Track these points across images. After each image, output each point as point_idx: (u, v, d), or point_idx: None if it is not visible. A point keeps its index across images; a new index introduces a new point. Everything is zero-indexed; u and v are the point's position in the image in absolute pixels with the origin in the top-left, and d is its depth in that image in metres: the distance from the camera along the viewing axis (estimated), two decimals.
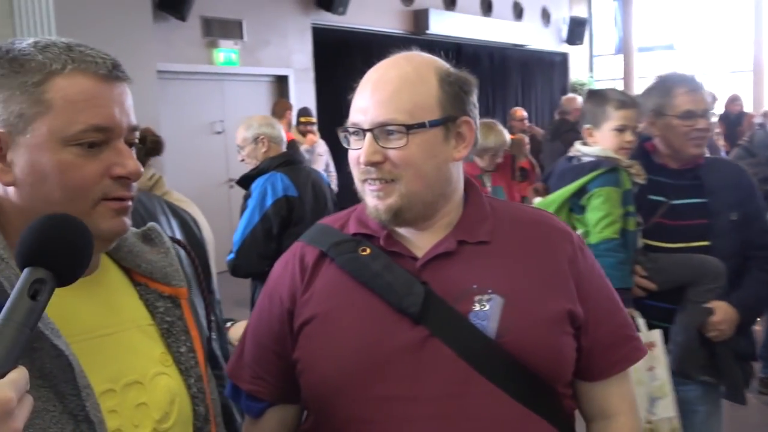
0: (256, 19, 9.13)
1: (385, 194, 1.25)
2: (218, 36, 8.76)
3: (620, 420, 1.36)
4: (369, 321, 1.25)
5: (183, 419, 1.08)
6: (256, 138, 3.73)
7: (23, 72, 0.97)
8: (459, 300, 1.24)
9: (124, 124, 1.02)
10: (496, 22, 13.10)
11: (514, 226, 1.35)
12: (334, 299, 1.28)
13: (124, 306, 1.10)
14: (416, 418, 1.20)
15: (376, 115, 1.25)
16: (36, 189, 0.98)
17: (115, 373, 1.02)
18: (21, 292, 0.80)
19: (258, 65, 9.25)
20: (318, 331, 1.27)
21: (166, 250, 1.16)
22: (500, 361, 1.23)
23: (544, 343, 1.25)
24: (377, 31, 11.05)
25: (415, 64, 1.30)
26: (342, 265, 1.29)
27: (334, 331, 1.26)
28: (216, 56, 8.68)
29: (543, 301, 1.28)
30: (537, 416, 1.24)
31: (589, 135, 2.61)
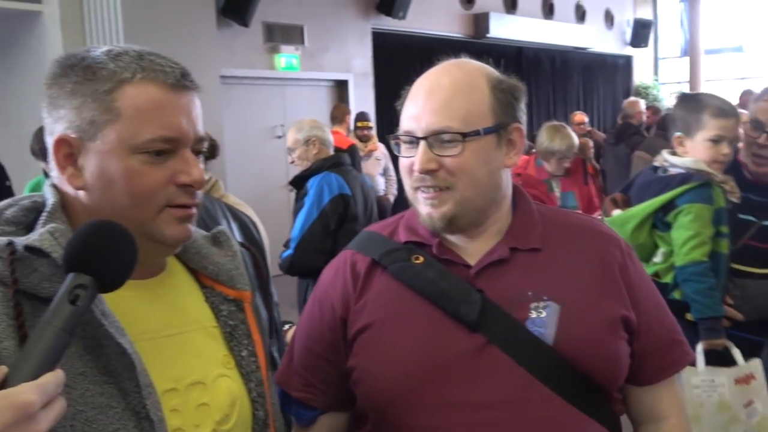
0: (317, 25, 9.23)
1: (439, 202, 1.26)
2: (280, 41, 8.88)
3: (671, 422, 1.37)
4: (426, 329, 1.25)
5: (243, 422, 1.10)
6: (308, 140, 3.83)
7: (95, 80, 1.00)
8: (515, 307, 1.25)
9: (191, 133, 1.03)
10: (558, 25, 12.95)
11: (563, 233, 1.36)
12: (389, 307, 1.28)
13: (189, 307, 1.12)
14: (477, 424, 1.21)
15: (430, 122, 1.25)
16: (104, 194, 1.01)
17: (179, 373, 1.04)
18: (62, 296, 0.83)
19: (318, 70, 9.34)
20: (374, 339, 1.28)
21: (233, 254, 1.18)
22: (558, 368, 1.24)
23: (600, 348, 1.27)
24: (437, 35, 11.05)
25: (467, 71, 1.31)
26: (395, 274, 1.29)
27: (391, 339, 1.27)
28: (277, 61, 8.80)
29: (598, 307, 1.29)
30: (593, 420, 1.25)
31: (680, 144, 2.39)
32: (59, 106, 1.02)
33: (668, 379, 1.38)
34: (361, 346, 1.29)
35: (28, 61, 6.18)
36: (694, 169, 2.32)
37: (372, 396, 1.28)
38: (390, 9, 9.86)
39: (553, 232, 1.35)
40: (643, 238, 2.42)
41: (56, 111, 1.02)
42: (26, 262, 0.93)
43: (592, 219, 1.59)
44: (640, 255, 2.39)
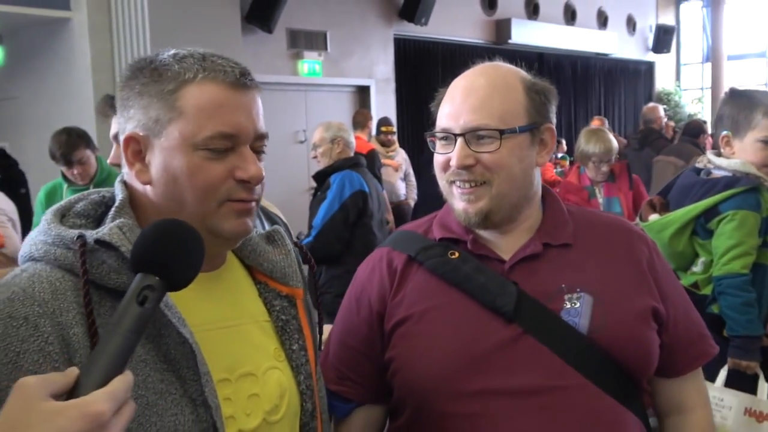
0: (340, 31, 9.27)
1: (475, 197, 1.31)
2: (303, 48, 8.93)
3: (698, 413, 1.42)
4: (464, 320, 1.30)
5: (291, 413, 1.14)
6: (334, 139, 4.17)
7: (161, 81, 1.05)
8: (549, 299, 1.30)
9: (250, 130, 1.07)
10: (580, 31, 12.89)
11: (592, 229, 1.41)
12: (427, 301, 1.33)
13: (244, 302, 1.16)
14: (515, 411, 1.25)
15: (468, 120, 1.30)
16: (168, 188, 1.05)
17: (232, 364, 1.08)
18: (130, 298, 0.83)
19: (341, 76, 9.37)
20: (414, 331, 1.32)
21: (287, 252, 1.22)
22: (592, 356, 1.28)
23: (633, 337, 1.31)
24: (459, 41, 11.05)
25: (502, 72, 1.36)
26: (432, 269, 1.34)
27: (430, 331, 1.31)
28: (300, 67, 8.85)
29: (629, 298, 1.33)
30: (625, 408, 1.29)
31: (726, 144, 2.19)
32: (129, 107, 1.07)
33: (694, 372, 1.42)
34: (399, 337, 1.33)
35: (58, 67, 6.28)
36: (741, 172, 2.13)
37: (411, 385, 1.31)
38: (412, 15, 9.87)
39: (582, 229, 1.39)
40: (682, 246, 2.23)
41: (127, 111, 1.08)
42: (96, 254, 0.97)
43: (619, 217, 1.62)
44: (678, 264, 2.26)
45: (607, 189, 3.95)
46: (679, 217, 2.20)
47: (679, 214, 2.21)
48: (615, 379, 1.29)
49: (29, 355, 0.90)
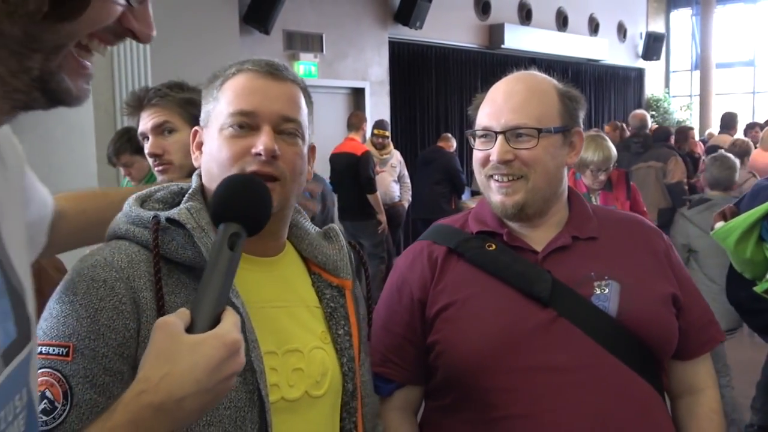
0: (335, 33, 9.27)
1: (512, 191, 1.42)
2: (299, 49, 8.93)
3: (708, 393, 1.52)
4: (503, 305, 1.40)
5: (334, 391, 1.22)
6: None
7: (214, 80, 1.22)
8: (580, 286, 1.40)
9: (273, 112, 1.16)
10: (571, 37, 12.94)
11: (614, 225, 1.53)
12: (468, 288, 1.43)
13: (298, 287, 1.26)
14: (553, 385, 1.35)
15: (509, 119, 1.41)
16: (207, 168, 1.19)
17: (280, 340, 1.17)
18: (221, 244, 0.95)
19: (336, 78, 9.37)
20: (458, 316, 1.42)
21: (340, 247, 1.32)
22: (621, 337, 1.38)
23: (657, 319, 1.42)
24: (453, 45, 11.07)
25: (539, 80, 1.48)
26: (472, 259, 1.45)
27: (472, 315, 1.41)
28: (296, 69, 8.84)
29: (652, 285, 1.45)
30: (650, 385, 1.40)
31: None
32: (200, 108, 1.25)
33: (704, 355, 1.53)
34: (443, 322, 1.43)
35: None
36: None
37: (457, 364, 1.41)
38: (407, 19, 9.89)
39: (604, 224, 1.51)
40: (750, 253, 2.08)
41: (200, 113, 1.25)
42: (167, 232, 1.10)
43: (635, 214, 1.73)
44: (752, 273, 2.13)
45: (604, 197, 3.82)
46: (741, 221, 2.07)
47: (741, 218, 2.08)
48: (641, 358, 1.39)
49: (105, 312, 1.02)
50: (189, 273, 1.10)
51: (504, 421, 1.36)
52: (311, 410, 1.17)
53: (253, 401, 1.07)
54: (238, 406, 1.06)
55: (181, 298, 1.08)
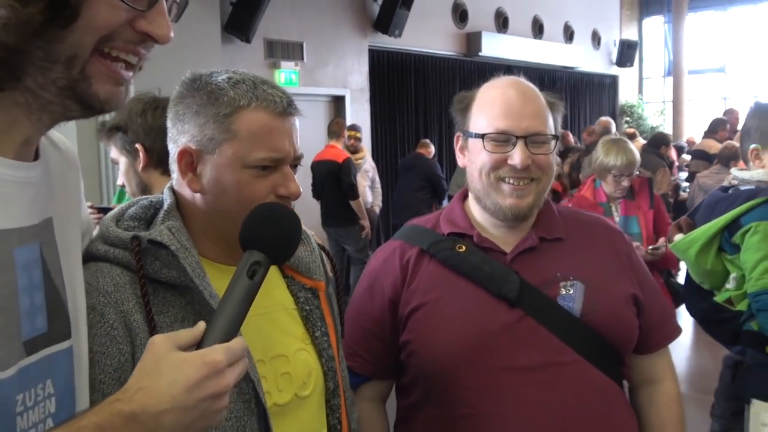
0: (316, 42, 9.26)
1: (525, 193, 1.43)
2: (280, 57, 8.91)
3: (667, 384, 1.57)
4: (473, 306, 1.42)
5: (318, 390, 1.24)
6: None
7: (217, 104, 1.13)
8: (546, 286, 1.43)
9: (292, 153, 1.17)
10: (547, 45, 13.03)
11: (579, 226, 1.55)
12: (439, 289, 1.45)
13: (274, 292, 1.25)
14: (519, 384, 1.37)
15: (530, 125, 1.42)
16: (217, 198, 1.15)
17: (266, 347, 1.18)
18: (241, 272, 0.93)
19: (316, 85, 9.36)
20: (429, 316, 1.43)
21: (311, 250, 1.33)
22: (585, 336, 1.42)
23: (619, 319, 1.46)
24: (431, 53, 11.10)
25: (533, 87, 1.50)
26: (443, 260, 1.46)
27: (444, 315, 1.43)
28: (277, 76, 8.81)
29: (615, 285, 1.48)
30: (611, 380, 1.44)
31: (756, 158, 2.07)
32: (184, 122, 1.16)
33: (664, 348, 1.58)
34: (416, 322, 1.45)
35: None
36: (765, 182, 2.03)
37: (428, 364, 1.43)
38: (386, 27, 9.90)
39: (570, 225, 1.54)
40: (710, 264, 2.11)
41: (181, 125, 1.17)
42: (149, 252, 1.09)
43: (600, 216, 1.79)
44: (712, 283, 2.16)
45: (625, 207, 3.43)
46: (701, 233, 2.09)
47: (701, 231, 2.10)
48: (603, 355, 1.43)
49: (97, 339, 1.02)
50: (174, 290, 1.11)
51: (471, 418, 1.39)
52: (300, 410, 1.20)
53: (251, 409, 1.10)
54: (237, 416, 1.09)
55: (170, 317, 1.09)
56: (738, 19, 15.32)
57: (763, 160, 2.07)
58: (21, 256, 0.81)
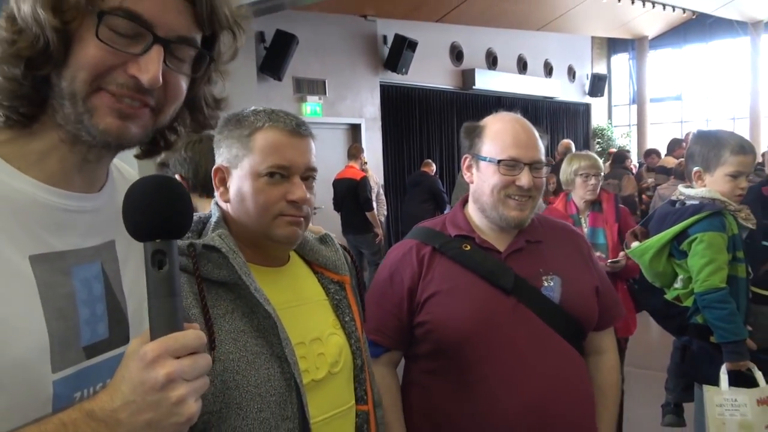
0: (336, 79, 9.31)
1: (525, 207, 1.52)
2: (306, 92, 8.96)
3: (609, 355, 1.68)
4: (478, 294, 1.50)
5: (347, 366, 1.26)
6: None
7: (241, 128, 1.18)
8: (533, 279, 1.52)
9: (301, 164, 1.18)
10: (530, 79, 13.01)
11: (552, 230, 1.64)
12: (451, 280, 1.52)
13: (308, 287, 1.28)
14: (515, 354, 1.47)
15: (534, 155, 1.52)
16: (240, 206, 1.18)
17: (304, 332, 1.19)
18: (148, 267, 0.71)
19: (337, 116, 9.40)
20: (443, 301, 1.51)
21: (336, 250, 1.34)
22: (562, 318, 1.51)
23: (588, 305, 1.57)
24: (433, 87, 11.12)
25: (530, 123, 1.58)
26: (452, 257, 1.54)
27: (455, 301, 1.50)
28: (304, 109, 8.87)
29: (583, 278, 1.58)
30: (578, 354, 1.55)
31: (698, 178, 2.09)
32: (220, 147, 1.21)
33: (610, 327, 1.69)
34: (432, 305, 1.51)
35: None
36: (708, 199, 2.03)
37: (443, 338, 1.50)
38: (395, 66, 9.95)
39: (546, 230, 1.62)
40: (662, 267, 2.14)
41: (218, 150, 1.22)
42: (203, 256, 1.10)
43: (564, 222, 1.88)
44: (662, 282, 2.19)
45: (593, 219, 3.20)
46: (655, 242, 2.12)
47: (655, 239, 2.12)
48: (574, 333, 1.53)
49: None
50: (224, 287, 1.12)
51: (478, 383, 1.47)
52: (332, 384, 1.21)
53: (291, 386, 1.11)
54: (279, 392, 1.10)
55: (221, 309, 1.11)
56: (692, 55, 15.25)
57: (704, 180, 2.07)
58: (80, 273, 0.78)
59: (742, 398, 1.97)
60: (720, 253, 1.98)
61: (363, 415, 1.26)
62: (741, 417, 1.97)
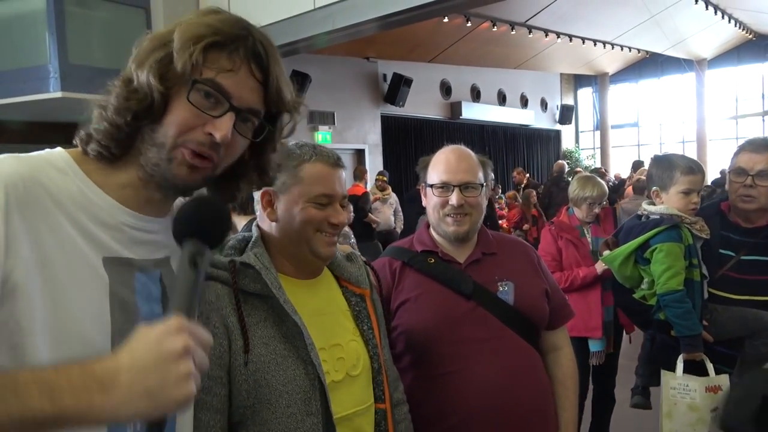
0: (343, 111, 9.37)
1: (462, 223, 1.51)
2: (318, 123, 9.02)
3: (565, 350, 1.64)
4: (442, 299, 1.49)
5: (365, 370, 1.23)
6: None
7: (289, 159, 1.16)
8: (490, 285, 1.51)
9: (340, 193, 1.19)
10: (509, 109, 13.06)
11: (505, 244, 1.63)
12: (418, 288, 1.51)
13: (334, 298, 1.26)
14: (476, 351, 1.46)
15: (463, 177, 1.51)
16: (288, 225, 1.17)
17: (327, 338, 1.17)
18: (183, 263, 0.71)
19: (344, 142, 9.44)
20: (412, 307, 1.50)
21: (360, 266, 1.33)
22: (516, 318, 1.50)
23: (538, 306, 1.55)
24: (425, 117, 11.16)
25: (468, 151, 1.57)
26: (419, 269, 1.54)
27: (422, 306, 1.49)
28: (316, 137, 8.92)
29: (533, 283, 1.57)
30: (533, 349, 1.53)
31: (657, 196, 2.11)
32: None
33: (563, 326, 1.65)
34: (403, 311, 1.50)
35: None
36: (666, 214, 2.05)
37: (413, 338, 1.48)
38: (393, 100, 10.02)
39: (500, 243, 1.61)
40: (629, 271, 2.16)
41: None
42: (241, 271, 1.10)
43: (516, 237, 1.88)
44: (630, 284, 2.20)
45: (594, 230, 3.17)
46: (622, 251, 2.12)
47: (622, 248, 2.13)
48: (528, 331, 1.52)
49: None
50: (258, 298, 1.11)
51: (445, 375, 1.45)
52: (351, 385, 1.19)
53: (315, 386, 1.10)
54: (304, 390, 1.08)
55: (255, 318, 1.10)
56: (646, 88, 15.31)
57: (662, 198, 2.09)
58: (142, 278, 0.83)
59: (693, 384, 1.98)
60: (677, 260, 1.99)
61: (381, 412, 1.24)
62: (690, 400, 1.98)
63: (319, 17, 4.58)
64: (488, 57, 11.03)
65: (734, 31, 12.00)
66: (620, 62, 14.29)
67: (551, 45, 10.98)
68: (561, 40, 10.73)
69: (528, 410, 1.46)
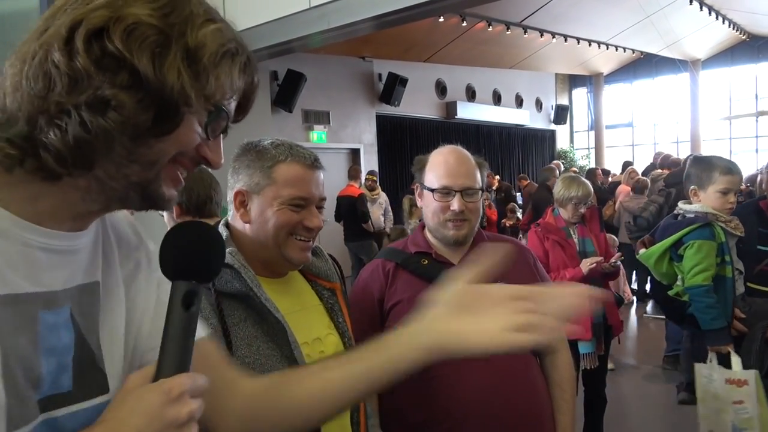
0: (339, 111, 9.34)
1: (461, 228, 1.50)
2: (313, 122, 8.99)
3: (563, 353, 1.61)
4: None
5: None
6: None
7: (263, 159, 1.14)
8: None
9: (316, 196, 1.16)
10: (504, 109, 13.07)
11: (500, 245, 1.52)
12: (411, 290, 1.49)
13: (305, 294, 1.25)
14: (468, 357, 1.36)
15: (464, 182, 1.48)
16: (260, 226, 1.14)
17: (307, 333, 1.17)
18: (175, 304, 0.61)
19: (339, 142, 9.43)
20: (404, 309, 1.47)
21: (326, 261, 1.31)
22: None
23: None
24: (421, 117, 11.16)
25: (466, 153, 1.53)
26: (413, 271, 1.52)
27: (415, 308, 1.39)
28: (311, 136, 8.90)
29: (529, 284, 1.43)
30: (531, 354, 1.52)
31: (695, 195, 2.18)
32: (239, 173, 1.17)
33: None
34: (396, 313, 1.49)
35: None
36: (701, 213, 2.12)
37: None
38: (389, 99, 10.00)
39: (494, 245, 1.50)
40: (665, 268, 2.23)
41: (236, 176, 1.17)
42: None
43: (512, 238, 1.84)
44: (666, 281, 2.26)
45: (581, 230, 3.12)
46: (657, 249, 2.20)
47: (657, 246, 2.20)
48: None
49: None
50: (236, 299, 1.09)
51: (435, 378, 1.43)
52: None
53: None
54: None
55: (235, 318, 1.08)
56: (641, 88, 15.36)
57: (699, 197, 2.15)
58: (48, 319, 0.62)
59: (716, 375, 2.06)
60: (707, 257, 2.05)
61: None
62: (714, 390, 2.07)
63: (314, 16, 4.55)
64: (483, 57, 11.03)
65: (728, 32, 12.04)
66: (615, 62, 14.32)
67: (546, 45, 10.99)
68: (556, 40, 10.74)
69: (522, 413, 1.44)
